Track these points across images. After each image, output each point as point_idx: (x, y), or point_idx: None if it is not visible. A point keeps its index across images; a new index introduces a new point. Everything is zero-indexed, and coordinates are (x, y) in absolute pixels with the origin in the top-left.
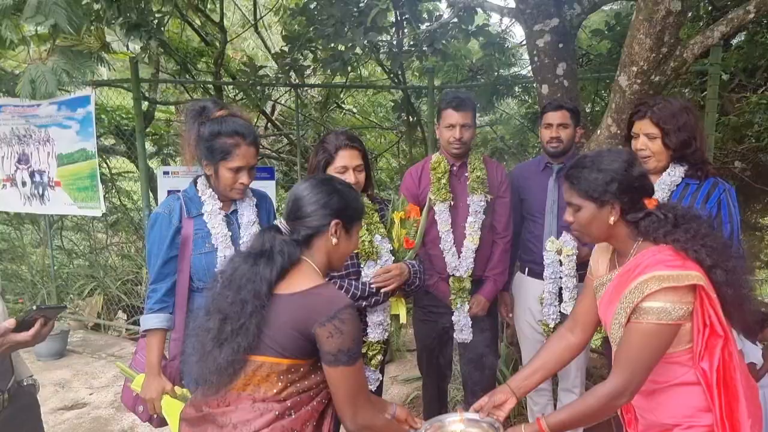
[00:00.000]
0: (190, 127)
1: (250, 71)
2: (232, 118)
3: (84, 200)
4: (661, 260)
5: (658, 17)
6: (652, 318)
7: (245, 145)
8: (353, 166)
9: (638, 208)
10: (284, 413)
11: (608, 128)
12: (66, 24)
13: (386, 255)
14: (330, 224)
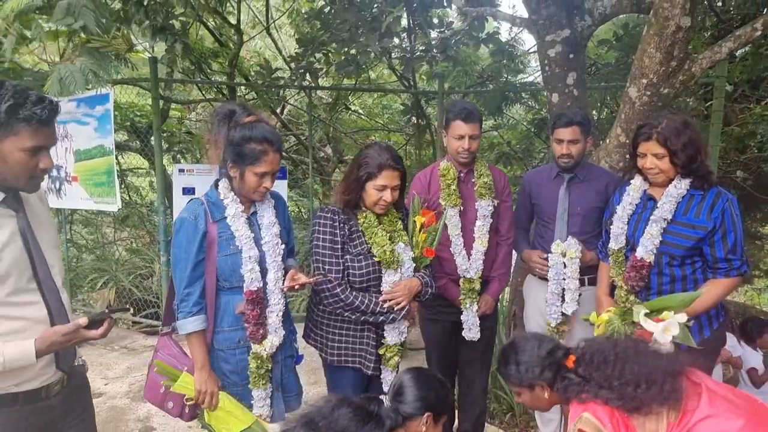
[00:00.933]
0: (218, 129)
1: (265, 73)
2: (261, 125)
3: (100, 195)
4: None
5: (668, 32)
6: None
7: (272, 152)
8: (392, 185)
9: (560, 375)
10: None
11: (617, 137)
12: (94, 26)
13: (408, 263)
14: (423, 415)
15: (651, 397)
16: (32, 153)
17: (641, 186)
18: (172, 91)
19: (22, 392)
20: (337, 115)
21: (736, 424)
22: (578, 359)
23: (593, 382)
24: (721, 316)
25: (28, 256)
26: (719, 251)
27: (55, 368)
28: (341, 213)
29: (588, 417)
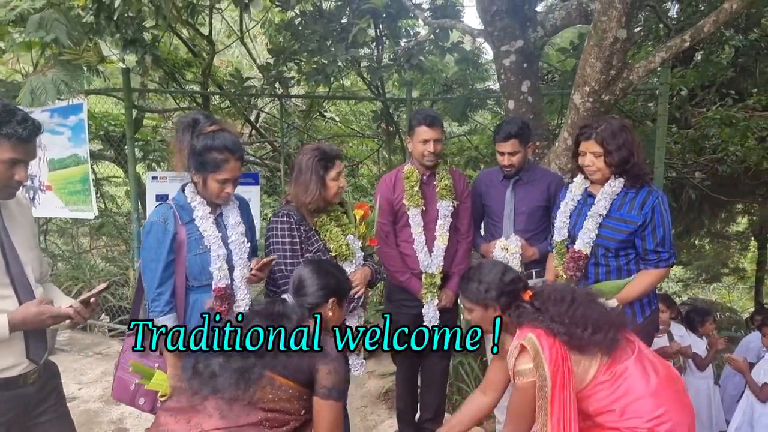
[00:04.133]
0: (181, 138)
1: (236, 82)
2: (222, 134)
3: (76, 203)
4: (517, 336)
5: (606, 43)
6: (521, 378)
7: (234, 160)
8: (343, 172)
9: (515, 304)
10: (261, 423)
11: (565, 141)
12: (66, 39)
13: (359, 252)
14: (328, 301)
15: (595, 341)
16: (9, 165)
17: (582, 184)
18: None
19: (1, 379)
20: (311, 122)
21: (649, 384)
22: (535, 294)
23: (547, 314)
24: (653, 304)
25: (2, 254)
26: (649, 244)
27: (26, 360)
28: (295, 215)
29: (532, 338)
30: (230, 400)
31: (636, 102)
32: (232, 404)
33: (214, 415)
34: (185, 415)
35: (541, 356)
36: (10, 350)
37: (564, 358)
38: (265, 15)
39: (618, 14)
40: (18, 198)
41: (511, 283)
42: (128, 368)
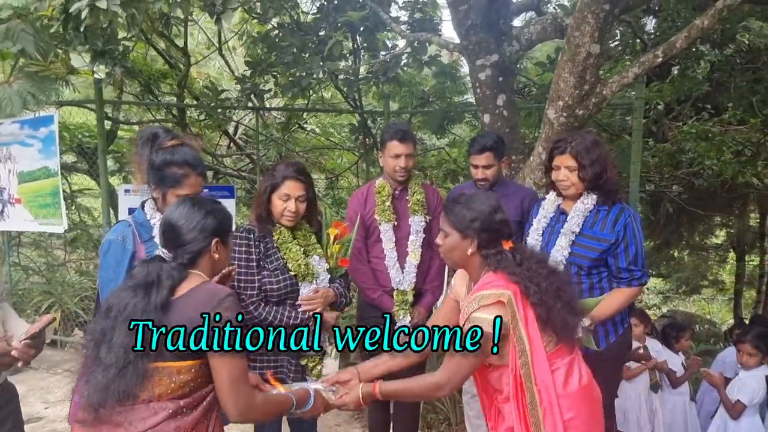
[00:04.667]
0: (141, 152)
1: (212, 95)
2: (182, 148)
3: (45, 217)
4: (486, 283)
5: (579, 58)
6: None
7: (194, 175)
8: (296, 195)
9: (494, 246)
10: (178, 412)
11: (539, 155)
12: (33, 50)
13: (323, 274)
14: (211, 244)
15: (561, 319)
16: None
17: (555, 201)
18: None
19: None
20: (289, 134)
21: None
22: (516, 248)
23: (525, 270)
24: (626, 322)
25: None
26: (622, 262)
27: None
28: (257, 231)
29: (509, 294)
30: (131, 406)
31: (613, 116)
32: (134, 409)
33: (123, 425)
34: (95, 427)
35: (518, 317)
36: None
37: (526, 323)
38: (243, 27)
39: (591, 29)
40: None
41: (499, 224)
42: None
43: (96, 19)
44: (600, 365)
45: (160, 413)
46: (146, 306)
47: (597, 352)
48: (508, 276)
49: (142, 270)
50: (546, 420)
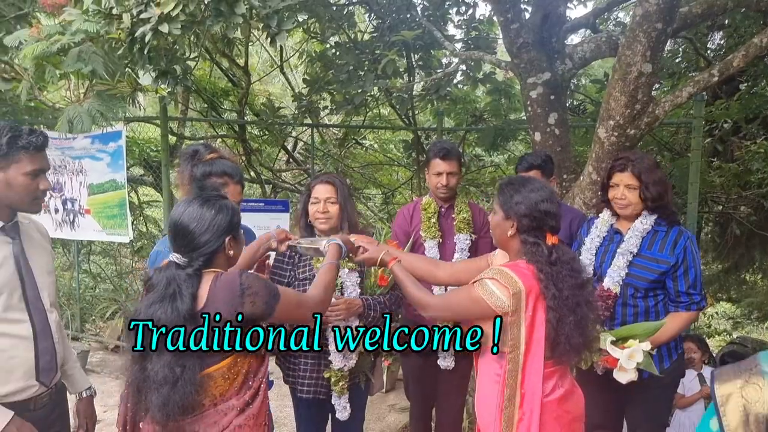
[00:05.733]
0: (183, 168)
1: (270, 111)
2: (221, 161)
3: (112, 227)
4: (514, 265)
5: (631, 77)
6: (479, 287)
7: (233, 183)
8: (324, 197)
9: (534, 236)
10: (244, 406)
11: (589, 175)
12: (103, 70)
13: (352, 287)
14: (224, 243)
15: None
16: (33, 176)
17: (609, 220)
18: (186, 128)
19: (10, 403)
20: (346, 150)
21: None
22: (558, 247)
23: (554, 271)
24: (680, 348)
25: (19, 278)
26: (681, 285)
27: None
28: None
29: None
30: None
31: (677, 134)
32: (203, 416)
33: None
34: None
35: (522, 315)
36: (19, 373)
37: (533, 325)
38: (303, 45)
39: (642, 48)
40: (37, 224)
41: (543, 214)
42: None
43: (160, 41)
44: (653, 391)
45: (229, 413)
46: (176, 318)
47: (651, 376)
48: (536, 271)
49: (161, 280)
50: (521, 423)
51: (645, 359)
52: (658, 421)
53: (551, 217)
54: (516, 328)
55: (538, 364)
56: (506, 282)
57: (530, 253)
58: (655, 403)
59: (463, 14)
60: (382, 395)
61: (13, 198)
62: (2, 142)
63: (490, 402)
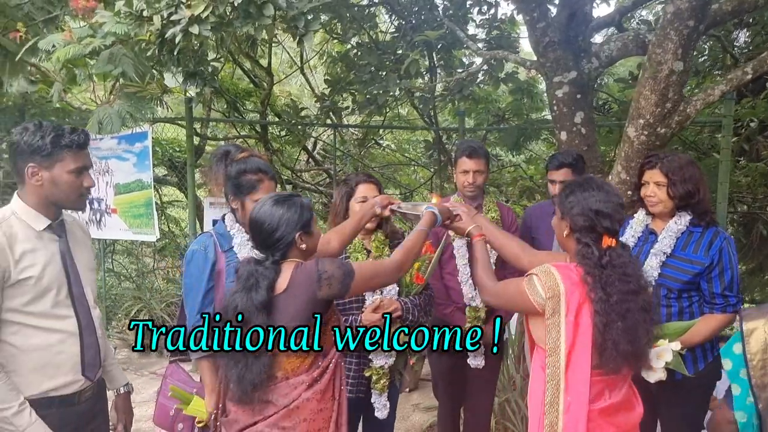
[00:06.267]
0: (216, 168)
1: (292, 112)
2: (253, 158)
3: (139, 226)
4: (563, 267)
5: (661, 75)
6: (527, 281)
7: (267, 180)
8: (372, 196)
9: (588, 237)
10: (312, 383)
11: (618, 175)
12: (132, 72)
13: (390, 287)
14: (295, 237)
15: (610, 340)
16: (77, 174)
17: (644, 220)
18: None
19: (58, 396)
20: (365, 150)
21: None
22: (613, 250)
23: (603, 276)
24: (716, 350)
25: (66, 275)
26: (716, 287)
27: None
28: None
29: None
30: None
31: (701, 133)
32: (277, 387)
33: (270, 401)
34: (246, 404)
35: (561, 317)
36: (66, 368)
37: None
38: (323, 46)
39: (674, 46)
40: (79, 222)
41: (595, 214)
42: (168, 393)
43: (188, 42)
44: (686, 393)
45: (298, 387)
46: (251, 307)
47: (685, 378)
48: (583, 274)
49: (243, 273)
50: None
51: (674, 359)
52: (692, 424)
53: (605, 218)
54: (555, 331)
55: (584, 372)
56: (547, 282)
57: (580, 254)
58: (690, 404)
59: (485, 14)
60: (406, 394)
61: (59, 196)
62: (46, 142)
63: (535, 403)
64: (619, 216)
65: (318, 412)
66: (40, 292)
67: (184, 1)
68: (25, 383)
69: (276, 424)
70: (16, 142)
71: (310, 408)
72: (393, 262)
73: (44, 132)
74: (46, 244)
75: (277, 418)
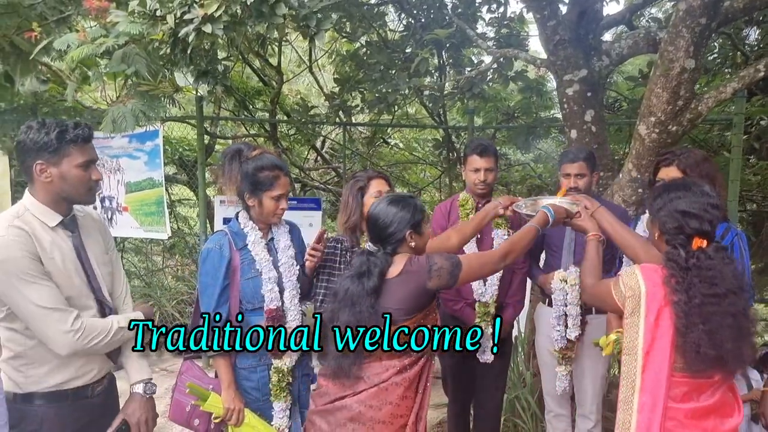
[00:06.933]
0: (229, 167)
1: (302, 111)
2: (267, 155)
3: (150, 224)
4: (647, 269)
5: (673, 73)
6: (615, 281)
7: (283, 175)
8: (385, 191)
9: (677, 238)
10: (403, 368)
11: (629, 172)
12: (145, 71)
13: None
14: (405, 234)
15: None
16: (85, 168)
17: None
18: (218, 127)
19: (71, 389)
20: (374, 148)
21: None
22: (703, 252)
23: (687, 279)
24: None
25: (83, 269)
26: None
27: (96, 365)
28: (345, 241)
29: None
30: (367, 363)
31: (711, 131)
32: (370, 365)
33: (362, 378)
34: (338, 378)
35: (640, 318)
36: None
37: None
38: (333, 45)
39: (686, 44)
40: (91, 213)
41: (682, 215)
42: (185, 390)
43: (201, 41)
44: None
45: (390, 369)
46: (361, 291)
47: None
48: (667, 275)
49: (357, 262)
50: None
51: None
52: None
53: (692, 218)
54: (633, 331)
55: (662, 373)
56: (629, 282)
57: (666, 256)
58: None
59: (494, 12)
60: None
61: (69, 191)
62: (51, 138)
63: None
64: (709, 216)
65: (403, 398)
66: (61, 285)
67: (197, 1)
68: (41, 375)
69: (364, 401)
70: (22, 140)
71: (397, 393)
72: (499, 252)
73: (49, 129)
74: (60, 240)
75: (366, 395)
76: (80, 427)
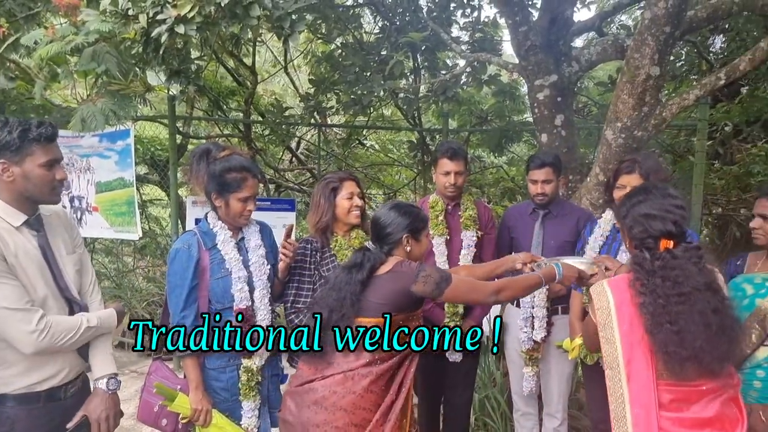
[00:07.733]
0: (197, 167)
1: (276, 111)
2: (236, 156)
3: (121, 225)
4: (616, 278)
5: (639, 80)
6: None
7: (251, 177)
8: (357, 192)
9: (641, 240)
10: (373, 361)
11: (596, 176)
12: (116, 70)
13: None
14: (402, 238)
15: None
16: (48, 167)
17: (611, 220)
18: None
19: (44, 391)
20: (349, 150)
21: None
22: (669, 254)
23: (655, 279)
24: None
25: (49, 269)
26: None
27: (68, 365)
28: (314, 242)
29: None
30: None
31: (678, 136)
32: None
33: (333, 363)
34: (313, 363)
35: (614, 327)
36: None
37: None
38: (308, 46)
39: (651, 51)
40: (58, 212)
41: (645, 219)
42: (153, 390)
43: (173, 41)
44: None
45: (360, 359)
46: (349, 280)
47: None
48: (632, 280)
49: (353, 256)
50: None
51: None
52: None
53: (655, 220)
54: (611, 345)
55: (646, 380)
56: (598, 296)
57: (633, 261)
58: None
59: (468, 16)
60: None
61: (32, 190)
62: (14, 137)
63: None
64: (672, 216)
65: (367, 391)
66: (26, 285)
67: (170, 1)
68: (11, 376)
69: (329, 386)
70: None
71: (362, 384)
72: (492, 286)
73: (11, 127)
74: (25, 240)
75: (332, 381)
76: (53, 428)
